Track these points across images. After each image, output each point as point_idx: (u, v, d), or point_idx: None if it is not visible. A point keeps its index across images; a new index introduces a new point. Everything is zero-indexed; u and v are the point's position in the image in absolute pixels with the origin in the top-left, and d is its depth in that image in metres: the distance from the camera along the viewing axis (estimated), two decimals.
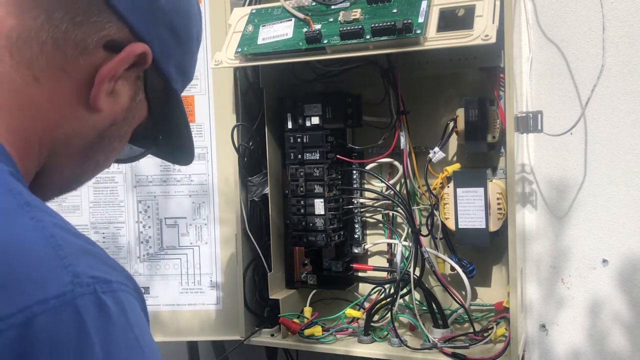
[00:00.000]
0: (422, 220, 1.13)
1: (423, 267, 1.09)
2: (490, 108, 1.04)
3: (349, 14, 0.98)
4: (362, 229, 1.20)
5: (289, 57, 1.01)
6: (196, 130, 1.20)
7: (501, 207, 1.03)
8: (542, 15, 1.16)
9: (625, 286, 1.14)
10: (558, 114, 1.16)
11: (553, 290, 1.19)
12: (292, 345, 1.14)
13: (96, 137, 0.51)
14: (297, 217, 1.12)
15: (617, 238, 1.13)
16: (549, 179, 1.18)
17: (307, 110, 1.12)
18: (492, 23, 0.88)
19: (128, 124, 0.54)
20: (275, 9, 1.06)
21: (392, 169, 1.16)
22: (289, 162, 1.13)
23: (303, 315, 1.15)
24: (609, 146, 1.13)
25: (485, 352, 1.02)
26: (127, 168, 1.21)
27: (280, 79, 1.19)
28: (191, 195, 1.20)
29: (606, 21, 1.09)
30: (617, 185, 1.13)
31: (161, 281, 1.21)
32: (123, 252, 1.21)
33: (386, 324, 1.11)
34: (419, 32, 0.91)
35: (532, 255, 1.20)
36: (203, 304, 1.20)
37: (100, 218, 1.22)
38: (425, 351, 1.04)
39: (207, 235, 1.21)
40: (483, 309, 1.12)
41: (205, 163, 1.20)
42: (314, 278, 1.19)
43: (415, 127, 1.13)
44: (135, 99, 0.52)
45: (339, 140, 1.14)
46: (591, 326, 1.17)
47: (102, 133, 0.51)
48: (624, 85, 1.11)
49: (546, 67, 1.16)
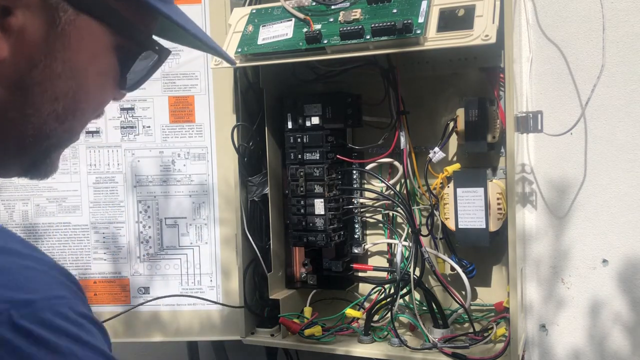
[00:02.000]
0: (422, 220, 1.13)
1: (423, 267, 1.09)
2: (490, 108, 1.04)
3: (349, 14, 0.98)
4: (362, 229, 1.20)
5: (289, 57, 1.01)
6: (196, 130, 1.20)
7: (501, 207, 1.03)
8: (542, 15, 1.16)
9: (625, 286, 1.14)
10: (558, 114, 1.16)
11: (553, 290, 1.19)
12: (292, 345, 1.14)
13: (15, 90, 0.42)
14: (297, 217, 1.12)
15: (617, 238, 1.13)
16: (549, 179, 1.18)
17: (307, 110, 1.12)
18: (492, 23, 0.88)
19: (62, 57, 0.43)
20: (275, 9, 1.06)
21: (392, 169, 1.16)
22: (289, 162, 1.13)
23: (303, 315, 1.15)
24: (609, 146, 1.13)
25: (485, 352, 1.02)
26: (127, 168, 1.21)
27: (280, 79, 1.19)
28: (191, 195, 1.20)
29: (606, 21, 1.09)
30: (617, 185, 1.13)
31: (161, 281, 1.21)
32: (123, 252, 1.21)
33: (386, 324, 1.11)
34: (419, 32, 0.91)
35: (532, 255, 1.20)
36: (203, 304, 1.20)
37: (100, 218, 1.22)
38: (425, 351, 1.04)
39: (207, 235, 1.21)
40: (483, 309, 1.12)
41: (205, 163, 1.20)
42: (314, 278, 1.19)
43: (415, 127, 1.13)
44: (55, 25, 0.42)
45: (339, 140, 1.14)
46: (591, 326, 1.17)
47: (20, 83, 0.42)
48: (624, 85, 1.11)
49: (546, 67, 1.16)
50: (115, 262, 1.22)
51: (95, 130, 1.21)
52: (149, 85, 1.19)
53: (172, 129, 1.20)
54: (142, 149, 1.20)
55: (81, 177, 1.21)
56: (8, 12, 0.40)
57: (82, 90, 0.46)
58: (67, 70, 0.44)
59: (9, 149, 0.45)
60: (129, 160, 1.21)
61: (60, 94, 0.44)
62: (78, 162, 1.21)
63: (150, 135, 1.20)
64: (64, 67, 0.44)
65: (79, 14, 0.43)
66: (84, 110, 0.47)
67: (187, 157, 1.20)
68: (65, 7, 0.42)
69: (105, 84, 0.49)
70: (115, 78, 0.49)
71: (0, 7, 0.39)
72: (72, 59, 0.44)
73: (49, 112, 0.44)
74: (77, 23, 0.43)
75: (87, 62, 0.45)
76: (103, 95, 0.50)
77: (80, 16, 0.43)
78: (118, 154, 1.21)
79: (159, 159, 1.20)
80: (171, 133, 1.20)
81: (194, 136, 1.20)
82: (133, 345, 1.59)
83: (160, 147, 1.20)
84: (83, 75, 0.45)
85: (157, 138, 1.20)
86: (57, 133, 0.46)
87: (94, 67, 0.46)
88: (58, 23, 0.42)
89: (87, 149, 1.21)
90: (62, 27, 0.43)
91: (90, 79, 0.46)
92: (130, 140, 1.21)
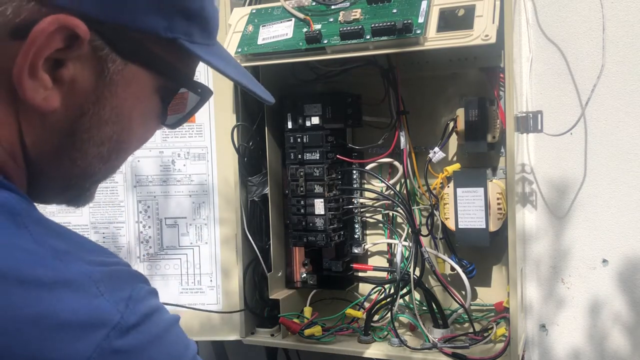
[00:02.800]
0: (422, 220, 1.13)
1: (423, 267, 1.09)
2: (490, 108, 1.04)
3: (349, 14, 0.98)
4: (362, 229, 1.20)
5: (289, 57, 1.01)
6: (196, 130, 1.20)
7: (501, 207, 1.03)
8: (542, 15, 1.16)
9: (625, 286, 1.14)
10: (558, 114, 1.16)
11: (553, 290, 1.19)
12: (292, 345, 1.14)
13: (65, 137, 0.45)
14: (297, 217, 1.12)
15: (617, 238, 1.13)
16: (549, 179, 1.18)
17: (307, 110, 1.12)
18: (492, 23, 0.88)
19: (110, 104, 0.45)
20: (275, 9, 1.06)
21: (392, 169, 1.16)
22: (289, 162, 1.13)
23: (303, 315, 1.15)
24: (609, 146, 1.13)
25: (485, 352, 1.02)
26: (127, 168, 1.21)
27: (280, 79, 1.19)
28: (191, 195, 1.20)
29: (606, 21, 1.09)
30: (617, 185, 1.13)
31: (161, 281, 1.21)
32: (123, 252, 1.21)
33: (386, 324, 1.11)
34: (419, 32, 0.91)
35: (532, 255, 1.20)
36: (203, 304, 1.20)
37: (100, 218, 1.22)
38: (425, 351, 1.04)
39: (207, 235, 1.21)
40: (483, 309, 1.12)
41: (205, 163, 1.20)
42: (314, 278, 1.19)
43: (415, 127, 1.13)
44: (105, 75, 0.44)
45: (339, 140, 1.14)
46: (591, 326, 1.17)
47: (70, 131, 0.44)
48: (624, 85, 1.11)
49: (546, 67, 1.16)
50: None
51: None
52: None
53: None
54: (142, 149, 1.19)
55: None
56: (60, 64, 0.41)
57: (126, 132, 0.48)
58: (113, 117, 0.46)
59: (55, 188, 0.49)
60: (129, 160, 1.20)
61: (105, 138, 0.47)
62: None
63: None
64: (111, 113, 0.46)
65: (127, 64, 0.45)
66: (127, 149, 0.51)
67: (187, 157, 1.20)
68: (114, 58, 0.44)
69: (148, 123, 0.51)
70: (157, 117, 0.52)
71: (53, 59, 0.41)
72: (119, 105, 0.46)
73: (94, 155, 0.47)
74: (124, 72, 0.45)
75: (132, 106, 0.47)
76: (146, 134, 0.53)
77: (128, 65, 0.45)
78: None
79: (159, 158, 1.20)
80: (171, 133, 1.20)
81: (194, 136, 1.20)
82: None
83: (160, 147, 1.20)
84: (127, 119, 0.47)
85: (157, 138, 1.20)
86: (101, 171, 0.49)
87: (139, 110, 0.48)
88: (107, 73, 0.44)
89: None
90: (110, 77, 0.44)
91: (134, 122, 0.48)
92: None
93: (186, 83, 0.52)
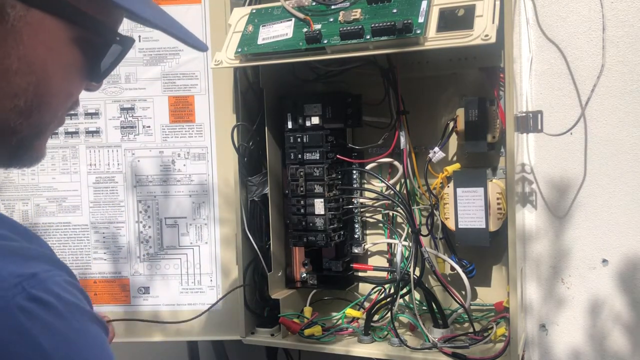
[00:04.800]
0: (422, 220, 1.13)
1: (423, 267, 1.09)
2: (490, 108, 1.04)
3: (349, 14, 0.98)
4: (362, 229, 1.20)
5: (289, 57, 1.01)
6: (196, 130, 1.20)
7: (501, 207, 1.03)
8: (542, 15, 1.16)
9: (625, 286, 1.14)
10: (558, 114, 1.16)
11: (553, 290, 1.19)
12: (292, 345, 1.14)
13: None
14: (297, 217, 1.12)
15: (617, 238, 1.13)
16: (549, 179, 1.18)
17: (307, 110, 1.12)
18: (492, 23, 0.88)
19: (17, 53, 0.44)
20: (275, 9, 1.06)
21: (392, 169, 1.16)
22: (289, 162, 1.13)
23: (303, 315, 1.15)
24: (609, 146, 1.13)
25: (485, 352, 1.02)
26: (127, 168, 1.21)
27: (280, 79, 1.19)
28: (191, 195, 1.20)
29: (606, 21, 1.09)
30: (617, 185, 1.13)
31: (161, 281, 1.21)
32: (123, 252, 1.21)
33: (386, 324, 1.11)
34: (419, 32, 0.91)
35: (532, 255, 1.20)
36: (203, 304, 1.20)
37: (100, 218, 1.22)
38: (425, 351, 1.04)
39: (207, 235, 1.21)
40: (483, 309, 1.12)
41: (205, 163, 1.20)
42: (314, 278, 1.19)
43: (415, 127, 1.13)
44: (5, 22, 0.43)
45: (339, 140, 1.14)
46: (591, 326, 1.17)
47: None
48: (624, 85, 1.11)
49: (546, 67, 1.16)
50: (115, 262, 1.22)
51: (95, 130, 1.21)
52: (149, 85, 1.19)
53: (172, 128, 1.20)
54: (142, 149, 1.20)
55: (81, 177, 1.21)
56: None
57: (43, 84, 0.46)
58: (23, 67, 0.44)
59: None
60: (129, 160, 1.21)
61: (19, 89, 0.45)
62: (78, 162, 1.21)
63: (150, 135, 1.20)
64: (19, 63, 0.44)
65: (29, 10, 0.43)
66: (49, 102, 0.48)
67: (187, 157, 1.20)
68: (13, 3, 0.42)
69: (69, 76, 0.49)
70: (81, 70, 0.50)
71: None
72: (28, 54, 0.44)
73: (9, 108, 0.45)
74: (28, 19, 0.43)
75: (45, 56, 0.45)
76: (70, 87, 0.50)
77: (31, 11, 0.43)
78: (118, 153, 1.21)
79: (159, 158, 1.20)
80: (171, 133, 1.20)
81: (194, 136, 1.20)
82: (133, 345, 1.59)
83: (160, 147, 1.20)
84: (42, 70, 0.45)
85: (157, 138, 1.20)
86: (25, 127, 0.47)
87: (54, 60, 0.46)
88: (7, 20, 0.42)
89: (87, 149, 1.21)
90: (12, 23, 0.42)
91: (51, 73, 0.46)
92: (130, 140, 1.21)
93: (103, 32, 0.49)
